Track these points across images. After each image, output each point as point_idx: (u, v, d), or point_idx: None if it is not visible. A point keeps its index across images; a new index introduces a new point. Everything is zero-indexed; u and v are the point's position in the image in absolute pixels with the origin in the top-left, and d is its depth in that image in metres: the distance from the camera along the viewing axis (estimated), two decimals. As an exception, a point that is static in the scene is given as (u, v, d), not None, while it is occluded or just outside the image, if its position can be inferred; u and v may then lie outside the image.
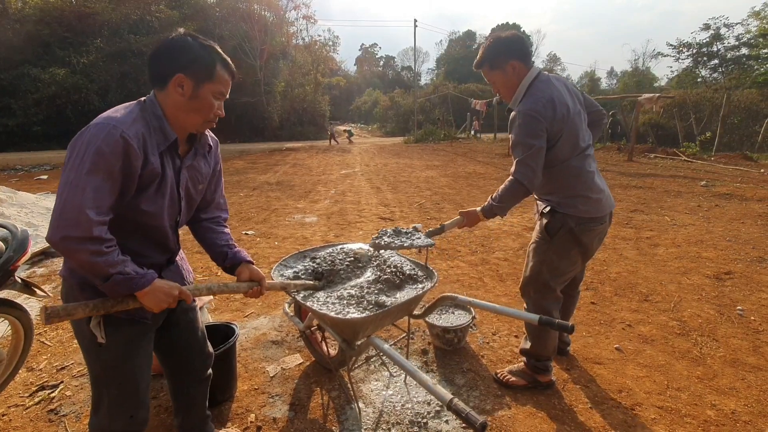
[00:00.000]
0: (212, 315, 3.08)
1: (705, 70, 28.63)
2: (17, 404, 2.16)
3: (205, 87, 1.21)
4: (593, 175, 1.97)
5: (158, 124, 1.20)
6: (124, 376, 1.33)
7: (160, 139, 1.20)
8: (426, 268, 2.09)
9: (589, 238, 1.99)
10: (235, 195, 8.19)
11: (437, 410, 2.04)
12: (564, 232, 1.96)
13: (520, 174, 1.85)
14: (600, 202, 1.96)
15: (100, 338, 1.24)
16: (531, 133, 1.80)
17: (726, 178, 9.08)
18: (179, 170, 1.30)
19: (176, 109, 1.21)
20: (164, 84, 1.19)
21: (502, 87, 1.98)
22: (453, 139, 22.90)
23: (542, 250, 2.04)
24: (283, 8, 31.54)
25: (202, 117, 1.24)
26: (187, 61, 1.17)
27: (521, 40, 1.93)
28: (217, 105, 1.26)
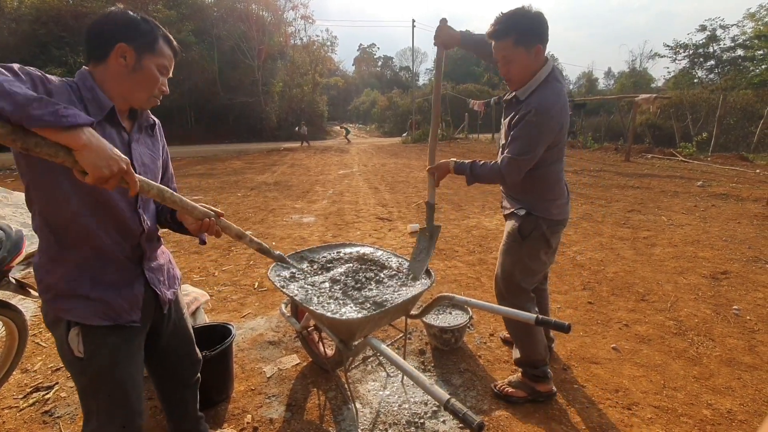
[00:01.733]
0: (209, 315, 3.07)
1: (701, 71, 28.80)
2: (11, 406, 2.15)
3: (147, 58, 1.16)
4: (563, 179, 2.01)
5: (91, 96, 1.11)
6: (114, 387, 1.25)
7: (95, 110, 1.10)
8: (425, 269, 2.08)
9: (556, 239, 2.02)
10: (233, 195, 8.17)
11: (434, 410, 2.04)
12: (537, 234, 1.95)
13: (507, 171, 1.81)
14: (567, 205, 2.02)
15: (77, 352, 1.17)
16: (538, 138, 1.72)
17: (722, 179, 9.12)
18: (128, 143, 1.22)
19: (118, 82, 1.14)
20: (104, 56, 1.12)
21: (518, 68, 1.75)
22: (451, 139, 22.92)
23: (514, 251, 2.02)
24: (281, 8, 31.53)
25: (146, 91, 1.19)
26: (128, 31, 1.13)
27: (547, 23, 1.72)
28: (161, 80, 1.21)
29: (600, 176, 9.89)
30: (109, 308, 1.20)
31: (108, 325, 1.21)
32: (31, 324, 2.86)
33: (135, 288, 1.28)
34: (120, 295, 1.23)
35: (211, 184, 9.60)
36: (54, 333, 1.23)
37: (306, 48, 34.52)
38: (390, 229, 5.56)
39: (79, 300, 1.17)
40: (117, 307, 1.22)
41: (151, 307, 1.36)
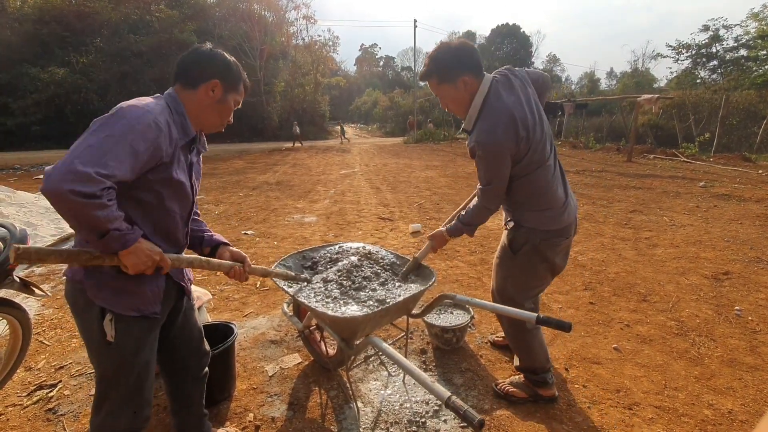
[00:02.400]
0: (211, 314, 3.08)
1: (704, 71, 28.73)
2: (15, 404, 2.16)
3: (230, 95, 1.39)
4: (557, 184, 1.83)
5: (180, 120, 1.30)
6: (133, 374, 1.34)
7: (180, 134, 1.29)
8: (424, 268, 2.09)
9: (556, 252, 1.88)
10: (235, 195, 8.19)
11: (435, 410, 2.05)
12: (529, 247, 1.85)
13: (486, 201, 1.85)
14: (566, 211, 1.85)
15: (110, 336, 1.27)
16: (494, 167, 1.71)
17: (724, 179, 9.10)
18: (191, 165, 1.40)
19: (200, 109, 1.35)
20: (195, 86, 1.33)
21: (452, 103, 1.79)
22: (452, 139, 22.91)
23: (506, 265, 1.96)
24: (283, 8, 31.56)
25: (221, 120, 1.42)
26: (224, 71, 1.37)
27: (472, 51, 1.73)
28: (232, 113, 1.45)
29: (602, 176, 9.87)
30: (138, 300, 1.32)
31: (136, 316, 1.32)
32: (34, 322, 2.88)
33: (159, 281, 1.38)
34: (148, 288, 1.34)
35: (213, 184, 9.62)
36: (83, 316, 1.31)
37: (308, 48, 34.53)
38: (391, 229, 5.57)
39: (117, 291, 1.28)
40: (144, 299, 1.33)
41: (169, 300, 1.47)
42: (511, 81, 1.75)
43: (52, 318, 3.10)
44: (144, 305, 1.34)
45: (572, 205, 1.90)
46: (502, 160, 1.69)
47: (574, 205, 1.93)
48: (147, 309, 1.35)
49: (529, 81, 1.82)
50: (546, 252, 1.86)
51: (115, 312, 1.28)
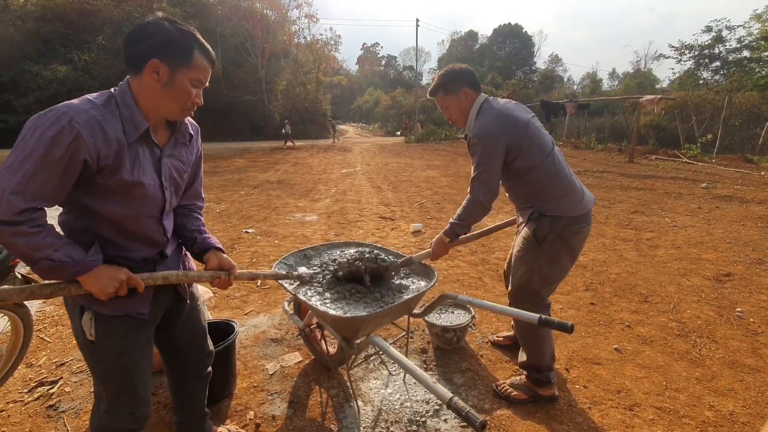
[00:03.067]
0: (212, 312, 3.08)
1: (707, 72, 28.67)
2: (16, 400, 2.16)
3: (181, 73, 1.15)
4: (569, 173, 1.97)
5: (129, 114, 1.14)
6: (121, 373, 1.31)
7: (130, 129, 1.14)
8: (425, 267, 2.09)
9: (578, 240, 1.95)
10: (236, 193, 8.19)
11: (436, 409, 2.05)
12: (553, 236, 1.90)
13: (476, 191, 1.90)
14: (583, 198, 1.96)
15: (89, 335, 1.23)
16: (487, 151, 1.85)
17: (726, 180, 9.08)
18: (159, 159, 1.25)
19: (151, 96, 1.16)
20: (139, 69, 1.13)
21: (455, 111, 2.03)
22: (454, 139, 22.89)
23: (530, 258, 1.96)
24: (285, 7, 31.57)
25: (179, 105, 1.20)
26: (163, 45, 1.11)
27: (472, 72, 2.03)
28: (195, 93, 1.21)
29: (603, 177, 9.86)
30: (121, 300, 1.23)
31: (119, 315, 1.26)
32: (36, 319, 2.89)
33: None
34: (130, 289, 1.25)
35: (214, 182, 9.62)
36: (70, 316, 1.29)
37: (310, 47, 34.57)
38: (392, 228, 5.57)
39: None
40: (130, 299, 1.25)
41: (163, 302, 1.41)
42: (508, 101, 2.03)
43: (53, 315, 3.10)
44: (129, 305, 1.27)
45: (588, 195, 2.00)
46: (494, 146, 1.83)
47: (590, 197, 2.02)
48: (132, 309, 1.28)
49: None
50: (570, 239, 1.92)
51: (95, 310, 1.23)
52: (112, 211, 1.17)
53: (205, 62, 1.20)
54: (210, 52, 1.22)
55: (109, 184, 1.12)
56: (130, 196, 1.17)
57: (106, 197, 1.15)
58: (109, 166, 1.10)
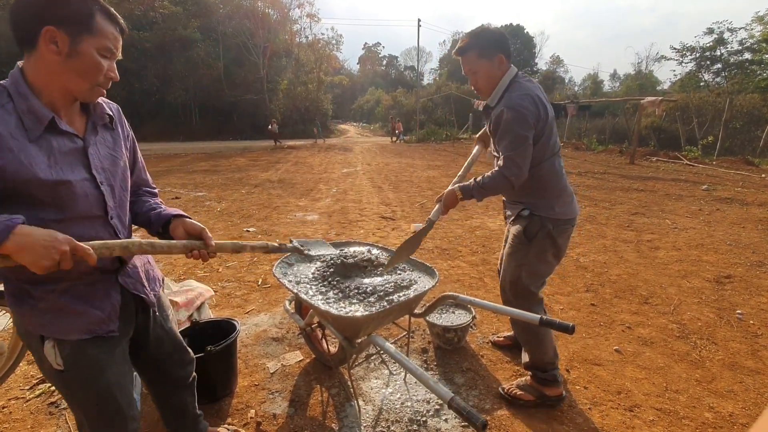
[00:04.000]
0: (213, 311, 3.09)
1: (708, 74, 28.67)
2: (17, 397, 2.17)
3: (85, 42, 0.98)
4: (565, 176, 1.97)
5: (25, 106, 0.97)
6: (101, 397, 1.17)
7: (31, 124, 0.97)
8: (427, 267, 2.09)
9: (564, 239, 1.97)
10: (237, 192, 8.20)
11: (437, 409, 2.05)
12: (543, 235, 1.91)
13: (508, 170, 1.79)
14: (572, 203, 1.98)
15: (56, 365, 1.10)
16: (522, 127, 1.75)
17: (727, 183, 9.08)
18: (84, 151, 1.08)
19: (53, 73, 0.99)
20: (33, 44, 0.96)
21: (484, 78, 1.89)
22: (455, 139, 22.90)
23: (520, 254, 1.97)
24: (287, 6, 31.59)
25: (87, 80, 1.02)
26: (56, 10, 0.95)
27: (507, 38, 1.90)
28: (107, 65, 1.04)
29: (604, 179, 9.86)
30: (86, 321, 1.12)
31: (87, 339, 1.13)
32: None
33: (112, 297, 1.18)
34: (96, 307, 1.14)
35: (215, 181, 9.63)
36: (28, 345, 1.15)
37: (311, 46, 34.59)
38: (393, 228, 5.57)
39: (56, 314, 1.08)
40: (94, 318, 1.13)
41: (131, 314, 1.27)
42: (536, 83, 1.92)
43: (54, 312, 3.10)
44: (96, 325, 1.13)
45: (575, 200, 2.02)
46: (528, 125, 1.75)
47: (576, 203, 2.05)
48: (101, 328, 1.14)
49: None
50: (557, 238, 1.93)
51: (55, 338, 1.09)
52: (45, 220, 0.99)
53: (111, 28, 1.03)
54: (116, 17, 1.06)
55: (26, 194, 0.96)
56: (58, 198, 1.01)
57: (33, 206, 0.98)
58: (11, 174, 0.93)
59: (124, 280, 1.23)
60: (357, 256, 2.08)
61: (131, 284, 1.24)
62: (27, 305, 1.07)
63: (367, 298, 1.82)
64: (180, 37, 25.52)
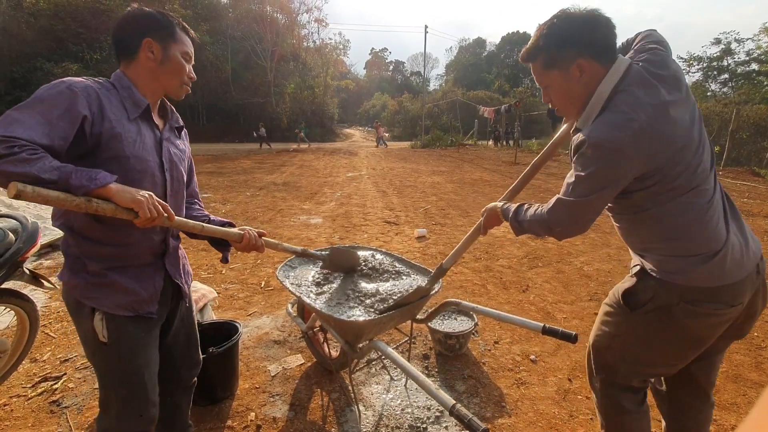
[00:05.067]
0: (216, 312, 3.10)
1: (715, 84, 28.60)
2: (19, 395, 2.18)
3: (172, 48, 1.24)
4: (716, 218, 1.19)
5: (128, 94, 1.20)
6: (133, 375, 1.28)
7: (131, 107, 1.20)
8: (429, 273, 2.09)
9: (703, 324, 1.21)
10: (242, 194, 8.23)
11: (437, 416, 2.04)
12: (654, 307, 1.25)
13: (552, 214, 1.27)
14: (726, 260, 1.17)
15: (102, 337, 1.22)
16: (596, 175, 1.15)
17: (734, 193, 9.03)
18: (160, 141, 1.30)
19: (150, 76, 1.24)
20: (134, 54, 1.21)
21: (558, 94, 1.29)
22: (460, 145, 22.92)
23: (615, 322, 1.37)
24: (296, 11, 31.86)
25: (178, 79, 1.28)
26: (150, 25, 1.21)
27: (597, 24, 1.20)
28: (188, 68, 1.30)
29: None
30: (132, 299, 1.25)
31: (129, 315, 1.25)
32: (41, 314, 2.91)
33: (156, 281, 1.32)
34: (143, 287, 1.28)
35: (220, 183, 9.68)
36: (76, 318, 1.26)
37: (318, 51, 34.82)
38: (397, 233, 5.57)
39: (106, 290, 1.22)
40: (139, 298, 1.27)
41: (167, 301, 1.40)
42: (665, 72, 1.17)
43: (58, 310, 3.13)
44: (139, 305, 1.27)
45: (748, 255, 1.21)
46: (616, 170, 1.13)
47: (754, 256, 1.23)
48: (143, 308, 1.28)
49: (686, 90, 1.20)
50: (685, 320, 1.21)
51: (105, 311, 1.22)
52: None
53: (186, 37, 1.30)
54: (190, 31, 1.32)
55: (109, 157, 1.13)
56: (130, 171, 1.17)
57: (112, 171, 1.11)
58: (106, 139, 1.12)
59: (168, 266, 1.37)
60: (360, 260, 2.09)
61: (173, 272, 1.39)
62: (81, 278, 1.21)
63: (369, 302, 1.82)
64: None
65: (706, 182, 1.20)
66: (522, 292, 3.64)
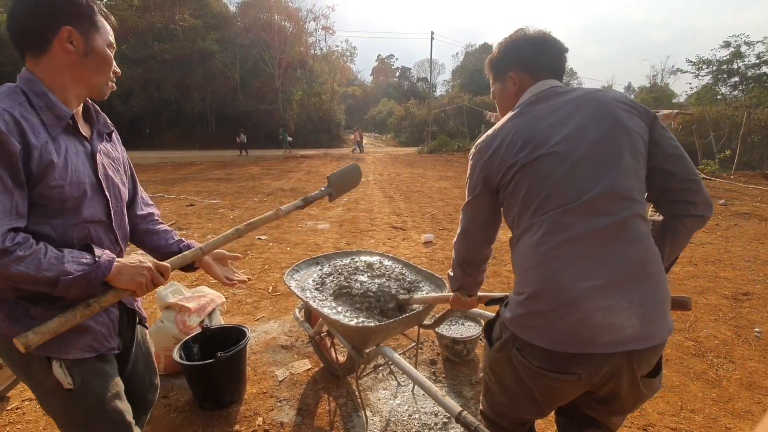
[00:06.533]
0: (223, 318, 3.11)
1: (725, 87, 28.28)
2: (31, 398, 2.21)
3: (95, 38, 1.02)
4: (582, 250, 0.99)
5: (44, 104, 0.97)
6: (109, 410, 1.13)
7: (51, 121, 0.97)
8: (436, 278, 2.09)
9: (534, 384, 1.06)
10: (249, 200, 8.30)
11: (444, 422, 2.03)
12: (500, 347, 1.14)
13: (454, 244, 1.37)
14: (572, 318, 0.96)
15: (67, 384, 1.05)
16: (468, 179, 1.27)
17: (745, 197, 8.89)
18: (92, 155, 1.08)
19: (70, 73, 1.00)
20: (45, 47, 0.97)
21: (499, 105, 1.37)
22: (467, 150, 22.90)
23: (484, 354, 1.33)
24: (303, 19, 32.20)
25: (104, 75, 1.07)
26: (68, 10, 0.97)
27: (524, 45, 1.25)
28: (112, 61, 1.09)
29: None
30: (89, 338, 1.09)
31: (89, 357, 1.09)
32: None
33: (111, 313, 1.15)
34: (98, 323, 1.11)
35: (228, 189, 9.76)
36: (27, 371, 1.06)
37: (325, 58, 35.11)
38: (404, 238, 5.57)
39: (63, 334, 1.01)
40: (97, 336, 1.11)
41: (124, 330, 1.25)
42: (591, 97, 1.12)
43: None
44: (98, 342, 1.11)
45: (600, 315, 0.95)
46: (473, 168, 1.23)
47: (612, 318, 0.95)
48: (103, 346, 1.12)
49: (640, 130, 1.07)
50: (519, 368, 1.08)
51: (63, 358, 1.04)
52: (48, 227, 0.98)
53: (108, 25, 1.08)
54: (109, 16, 1.10)
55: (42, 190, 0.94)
56: (68, 200, 0.99)
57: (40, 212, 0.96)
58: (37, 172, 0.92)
59: None
60: (367, 265, 2.09)
61: (126, 300, 1.21)
62: (25, 326, 0.95)
63: (376, 307, 1.82)
64: (199, 48, 26.19)
65: (576, 212, 1.00)
66: (530, 297, 3.61)
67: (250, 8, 29.95)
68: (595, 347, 0.95)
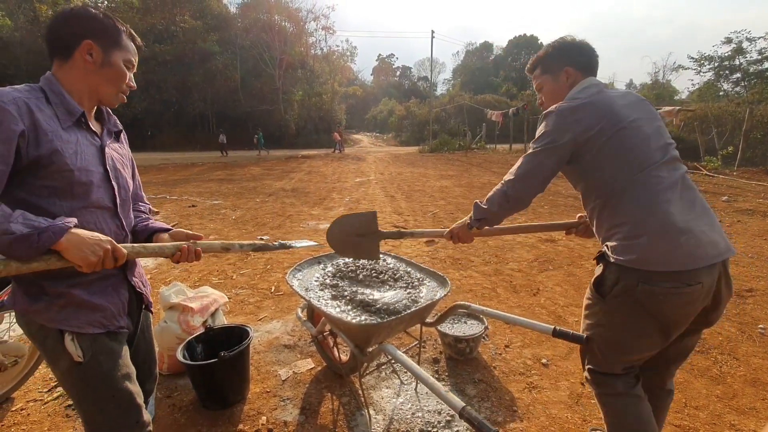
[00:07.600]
0: (226, 317, 3.12)
1: (727, 83, 28.22)
2: (36, 399, 2.22)
3: (115, 53, 1.16)
4: (671, 202, 1.28)
5: (59, 100, 1.11)
6: (117, 388, 1.20)
7: (63, 115, 1.10)
8: (439, 276, 2.09)
9: (668, 307, 1.27)
10: (251, 201, 8.31)
11: (448, 420, 2.03)
12: (620, 291, 1.32)
13: (507, 182, 1.51)
14: (678, 241, 1.24)
15: (76, 357, 1.13)
16: (548, 130, 1.43)
17: (748, 194, 8.86)
18: (102, 149, 1.21)
19: (85, 80, 1.15)
20: (68, 54, 1.12)
21: (547, 94, 1.62)
22: (468, 149, 22.89)
23: (593, 313, 1.46)
24: (303, 19, 32.21)
25: (115, 87, 1.20)
26: (95, 28, 1.13)
27: (582, 48, 1.56)
28: (129, 75, 1.23)
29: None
30: (100, 315, 1.18)
31: (100, 333, 1.18)
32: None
33: (121, 293, 1.26)
34: (109, 302, 1.21)
35: (230, 189, 9.78)
36: (43, 344, 1.16)
37: (326, 58, 35.11)
38: (406, 237, 5.57)
39: (72, 309, 1.14)
40: (107, 313, 1.20)
41: (132, 312, 1.33)
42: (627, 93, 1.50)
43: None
44: (108, 320, 1.20)
45: (704, 237, 1.27)
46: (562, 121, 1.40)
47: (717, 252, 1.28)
48: (112, 323, 1.21)
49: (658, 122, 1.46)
50: (647, 302, 1.27)
51: (75, 331, 1.13)
52: (59, 206, 1.08)
53: (132, 45, 1.23)
54: (136, 38, 1.25)
55: (53, 171, 1.05)
56: (76, 185, 1.10)
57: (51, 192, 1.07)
58: (46, 155, 1.03)
59: (131, 278, 1.32)
60: (371, 265, 2.09)
61: (136, 282, 1.33)
62: (42, 302, 1.11)
63: (379, 306, 1.82)
64: (199, 49, 26.25)
65: (661, 166, 1.34)
66: (533, 295, 3.61)
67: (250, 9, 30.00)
68: (709, 259, 1.25)
